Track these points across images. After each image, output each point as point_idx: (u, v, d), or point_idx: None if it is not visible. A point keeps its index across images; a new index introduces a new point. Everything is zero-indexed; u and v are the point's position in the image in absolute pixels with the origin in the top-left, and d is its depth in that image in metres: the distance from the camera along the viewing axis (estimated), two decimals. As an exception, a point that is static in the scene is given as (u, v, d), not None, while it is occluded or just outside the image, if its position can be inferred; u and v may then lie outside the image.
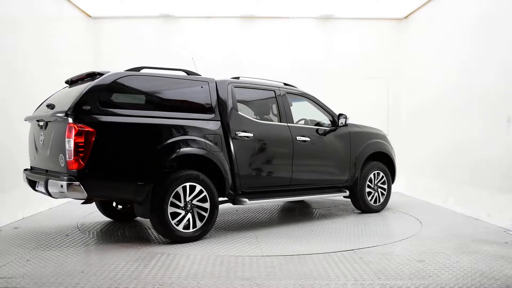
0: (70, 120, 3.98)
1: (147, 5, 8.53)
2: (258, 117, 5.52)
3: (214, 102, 4.93)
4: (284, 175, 5.35)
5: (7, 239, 4.70)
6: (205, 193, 4.61)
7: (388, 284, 3.35)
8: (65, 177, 4.01)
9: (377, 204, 6.33)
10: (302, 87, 6.24)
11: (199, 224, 4.59)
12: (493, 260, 3.97)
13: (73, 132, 3.93)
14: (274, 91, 5.54)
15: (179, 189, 4.45)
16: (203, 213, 4.63)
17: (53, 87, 5.93)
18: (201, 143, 4.65)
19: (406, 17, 9.10)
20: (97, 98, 4.14)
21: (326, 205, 6.99)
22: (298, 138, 5.45)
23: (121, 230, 5.18)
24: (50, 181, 4.18)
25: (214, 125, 4.83)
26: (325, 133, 5.81)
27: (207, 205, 4.64)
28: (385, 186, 6.42)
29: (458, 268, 3.75)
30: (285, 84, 5.87)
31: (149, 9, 8.79)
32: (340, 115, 5.93)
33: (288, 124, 5.46)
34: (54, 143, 4.32)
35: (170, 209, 4.39)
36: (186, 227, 4.52)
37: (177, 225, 4.45)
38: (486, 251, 4.28)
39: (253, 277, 3.50)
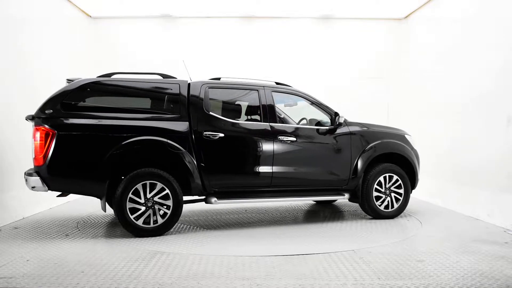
0: (35, 122, 4.58)
1: (147, 5, 8.54)
2: (237, 117, 5.45)
3: (182, 103, 5.01)
4: (263, 176, 5.21)
5: (7, 239, 4.70)
6: (167, 190, 4.77)
7: (388, 284, 3.35)
8: (33, 173, 4.58)
9: (390, 210, 5.78)
10: (301, 87, 6.21)
11: (160, 220, 4.79)
12: (493, 260, 3.97)
13: (35, 133, 4.53)
14: (257, 90, 5.41)
15: (139, 186, 4.70)
16: (165, 210, 4.80)
17: (53, 87, 5.94)
18: (162, 142, 4.79)
19: (406, 17, 9.11)
20: (59, 103, 4.64)
21: (344, 209, 6.74)
22: (281, 138, 5.26)
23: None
24: (25, 176, 4.70)
25: (179, 125, 4.92)
26: (319, 132, 5.54)
27: (169, 202, 4.79)
28: (401, 191, 5.83)
29: (458, 268, 3.75)
30: (277, 83, 5.71)
31: (149, 9, 8.80)
32: (334, 114, 5.62)
33: (270, 124, 5.29)
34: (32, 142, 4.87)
35: (130, 205, 4.67)
36: (147, 222, 4.75)
37: (137, 219, 4.70)
38: (486, 251, 4.28)
39: (253, 277, 3.50)
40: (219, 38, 9.23)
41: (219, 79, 5.50)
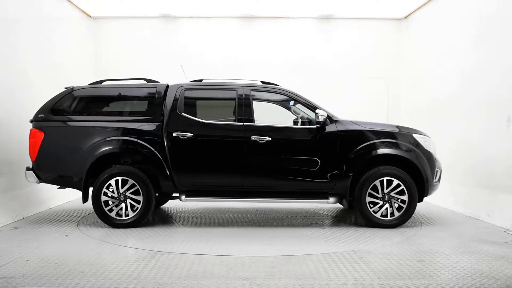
0: (32, 125, 5.37)
1: (147, 5, 8.54)
2: (213, 117, 5.44)
3: (157, 105, 5.33)
4: (233, 176, 5.23)
5: (7, 239, 4.70)
6: (137, 186, 5.18)
7: (388, 284, 3.36)
8: (30, 168, 5.37)
9: (389, 218, 5.23)
10: (301, 87, 6.18)
11: (131, 214, 5.22)
12: (493, 260, 3.97)
13: (29, 134, 5.33)
14: (235, 90, 5.39)
15: (112, 182, 5.18)
16: (136, 204, 5.22)
17: (53, 87, 5.96)
18: (132, 142, 5.20)
19: (406, 17, 9.11)
20: (50, 108, 5.36)
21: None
22: (254, 137, 5.16)
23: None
24: (25, 171, 5.41)
25: (152, 126, 5.26)
26: (300, 132, 5.32)
27: (140, 197, 5.20)
28: (405, 198, 5.21)
29: (458, 268, 3.76)
30: (263, 82, 5.61)
31: (149, 9, 8.80)
32: (316, 113, 5.20)
33: (244, 124, 5.24)
34: None
35: (104, 198, 5.19)
36: (120, 214, 5.23)
37: (110, 211, 5.21)
38: (486, 251, 4.29)
39: (253, 277, 3.50)
40: (219, 38, 9.23)
41: (201, 80, 5.62)
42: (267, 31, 9.25)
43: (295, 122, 5.74)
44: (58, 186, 5.55)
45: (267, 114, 5.95)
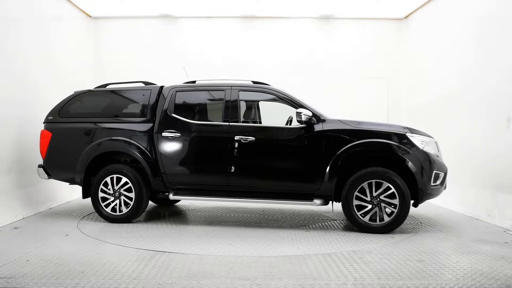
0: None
1: (147, 5, 8.54)
2: (202, 118, 5.62)
3: (150, 107, 5.59)
4: (218, 175, 5.26)
5: (7, 239, 4.70)
6: (130, 184, 5.46)
7: (388, 284, 3.36)
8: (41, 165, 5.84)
9: (378, 223, 4.98)
10: (301, 87, 6.19)
11: (124, 210, 5.50)
12: (493, 260, 3.97)
13: (40, 134, 5.81)
14: (224, 91, 5.43)
15: (108, 179, 5.52)
16: (129, 201, 5.50)
17: (53, 87, 5.95)
18: (125, 142, 5.50)
19: (406, 17, 9.11)
20: (58, 111, 5.83)
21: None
22: (238, 137, 5.17)
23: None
24: (37, 168, 5.87)
25: (143, 127, 5.54)
26: (285, 132, 5.20)
27: (132, 194, 5.47)
28: (396, 202, 4.91)
29: (458, 268, 3.76)
30: (254, 82, 5.59)
31: (149, 9, 8.80)
32: (297, 112, 5.02)
33: (230, 124, 5.26)
34: None
35: (101, 194, 5.54)
36: (115, 210, 5.52)
37: (107, 207, 5.52)
38: (486, 251, 4.29)
39: (253, 277, 3.50)
40: (219, 38, 9.23)
41: (194, 82, 5.74)
42: (267, 31, 9.25)
43: (288, 122, 5.74)
44: (69, 183, 5.84)
45: (259, 114, 6.01)
